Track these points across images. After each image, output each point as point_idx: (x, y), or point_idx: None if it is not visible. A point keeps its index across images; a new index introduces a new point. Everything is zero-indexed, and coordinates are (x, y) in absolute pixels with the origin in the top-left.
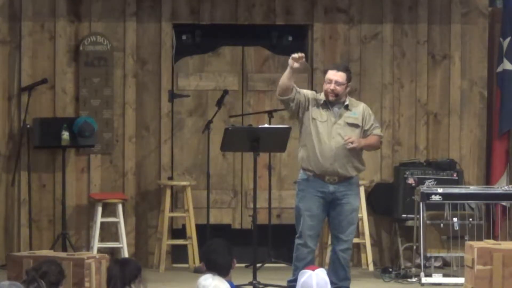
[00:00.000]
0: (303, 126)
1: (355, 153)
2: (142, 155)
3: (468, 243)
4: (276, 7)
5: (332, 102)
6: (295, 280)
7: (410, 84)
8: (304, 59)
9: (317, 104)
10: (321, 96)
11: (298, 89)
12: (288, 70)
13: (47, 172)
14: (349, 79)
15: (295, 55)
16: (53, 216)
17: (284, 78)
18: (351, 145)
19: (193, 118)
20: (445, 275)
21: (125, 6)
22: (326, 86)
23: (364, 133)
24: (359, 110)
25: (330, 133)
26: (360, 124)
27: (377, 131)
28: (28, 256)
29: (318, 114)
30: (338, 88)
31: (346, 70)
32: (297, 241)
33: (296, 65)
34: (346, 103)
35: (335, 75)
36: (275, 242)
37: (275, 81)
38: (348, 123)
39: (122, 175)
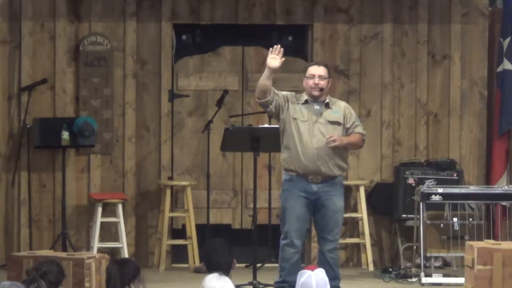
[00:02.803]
0: (285, 127)
1: (338, 152)
2: (142, 155)
3: (468, 243)
4: (276, 7)
5: (313, 100)
6: (282, 282)
7: (410, 84)
8: (283, 58)
9: (298, 104)
10: (302, 96)
11: (276, 91)
12: (266, 71)
13: (47, 172)
14: (329, 74)
15: (273, 51)
16: (53, 216)
17: (263, 79)
18: (333, 143)
19: (193, 118)
20: (445, 275)
21: (125, 6)
22: (310, 82)
23: (346, 131)
24: (340, 108)
25: (311, 132)
26: (341, 122)
27: (359, 129)
28: (28, 256)
29: (299, 114)
30: (322, 82)
31: (325, 65)
32: (282, 241)
33: (274, 64)
34: (327, 101)
35: (317, 70)
36: (275, 242)
37: (276, 81)
38: (330, 121)
39: (122, 175)
